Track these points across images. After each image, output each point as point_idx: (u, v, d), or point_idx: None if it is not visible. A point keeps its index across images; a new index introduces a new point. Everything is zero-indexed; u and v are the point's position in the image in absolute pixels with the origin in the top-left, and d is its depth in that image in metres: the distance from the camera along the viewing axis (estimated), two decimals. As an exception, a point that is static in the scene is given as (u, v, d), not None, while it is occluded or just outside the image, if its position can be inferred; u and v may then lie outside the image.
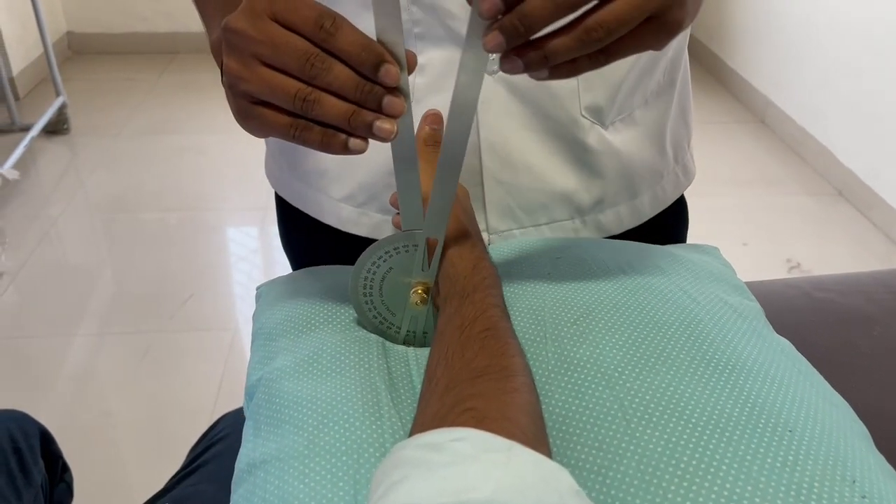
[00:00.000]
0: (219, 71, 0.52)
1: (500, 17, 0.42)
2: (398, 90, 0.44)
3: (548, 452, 0.41)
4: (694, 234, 0.82)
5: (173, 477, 0.88)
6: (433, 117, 0.59)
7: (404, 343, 0.57)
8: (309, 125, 0.45)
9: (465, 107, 0.48)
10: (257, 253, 2.23)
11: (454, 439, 0.36)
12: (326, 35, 0.42)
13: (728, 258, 0.69)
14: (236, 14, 0.45)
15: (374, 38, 0.44)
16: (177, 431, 1.62)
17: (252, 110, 0.46)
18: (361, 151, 0.46)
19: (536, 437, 0.39)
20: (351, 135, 0.45)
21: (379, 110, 0.44)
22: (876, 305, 0.74)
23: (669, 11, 0.42)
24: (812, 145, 2.72)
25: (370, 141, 0.48)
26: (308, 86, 0.43)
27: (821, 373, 0.54)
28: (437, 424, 0.38)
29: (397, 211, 0.64)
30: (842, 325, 0.72)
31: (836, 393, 0.50)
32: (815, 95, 2.71)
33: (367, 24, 0.55)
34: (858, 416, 0.50)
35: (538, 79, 0.45)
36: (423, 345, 0.57)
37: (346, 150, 0.45)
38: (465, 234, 0.55)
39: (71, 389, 1.74)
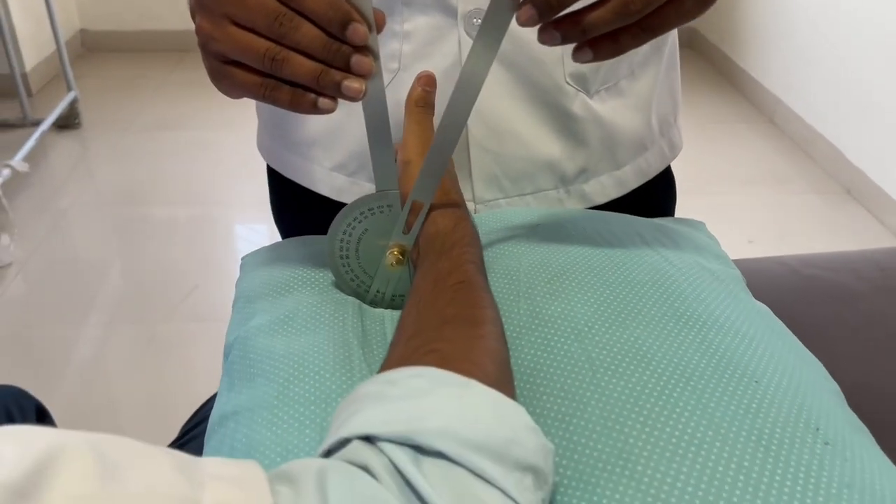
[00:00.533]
0: None
1: None
2: (367, 49, 0.45)
3: (512, 397, 0.41)
4: (691, 208, 0.81)
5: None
6: (427, 79, 0.60)
7: (380, 305, 0.57)
8: (279, 84, 0.46)
9: (474, 78, 0.48)
10: (263, 247, 2.24)
11: (411, 375, 0.36)
12: None
13: (734, 255, 0.68)
14: None
15: None
16: (180, 419, 1.62)
17: (224, 70, 0.47)
18: (330, 111, 0.46)
19: (500, 381, 0.39)
20: (320, 94, 0.45)
21: (347, 69, 0.45)
22: (864, 282, 0.74)
23: None
24: (821, 144, 2.71)
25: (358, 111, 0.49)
26: (277, 45, 0.44)
27: (805, 343, 0.53)
28: (401, 365, 0.38)
29: None
30: (828, 300, 0.72)
31: (809, 352, 0.50)
32: (824, 95, 2.69)
33: None
34: (843, 389, 0.50)
35: (583, 61, 0.46)
36: (399, 307, 0.57)
37: (315, 109, 0.46)
38: (448, 196, 0.56)
39: (77, 378, 1.75)
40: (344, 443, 0.34)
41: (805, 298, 0.73)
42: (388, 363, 0.41)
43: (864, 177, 2.47)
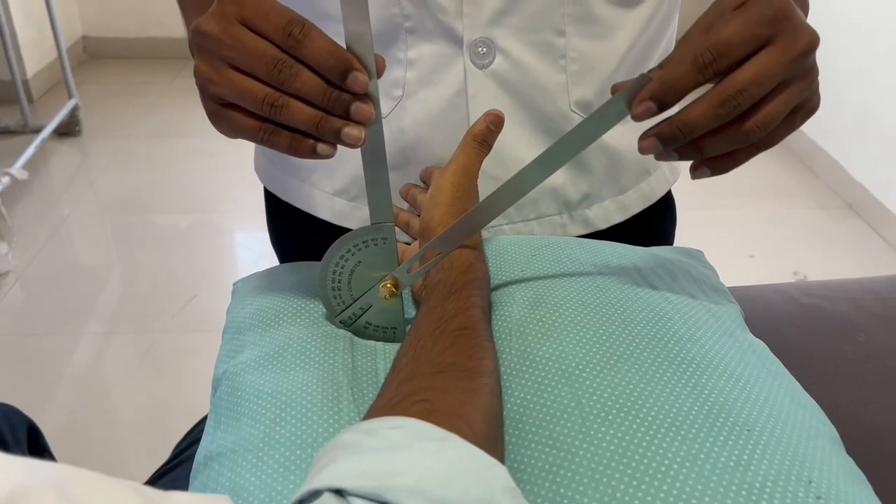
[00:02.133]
0: None
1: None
2: (367, 96, 0.45)
3: (500, 456, 0.41)
4: (700, 244, 0.80)
5: (156, 472, 0.88)
6: (495, 118, 0.58)
7: (347, 326, 0.57)
8: (277, 129, 0.46)
9: (538, 173, 0.50)
10: (264, 257, 2.23)
11: (391, 427, 0.35)
12: (295, 42, 0.43)
13: (734, 269, 0.68)
14: (206, 17, 0.45)
15: (344, 45, 0.45)
16: (176, 430, 1.61)
17: (222, 112, 0.47)
18: (329, 156, 0.46)
19: (488, 438, 0.39)
20: (319, 140, 0.46)
21: (347, 117, 0.45)
22: (862, 312, 0.73)
23: (810, 100, 0.47)
24: (823, 159, 2.70)
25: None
26: (276, 91, 0.44)
27: (803, 378, 0.53)
28: (388, 412, 0.38)
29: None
30: (827, 330, 0.71)
31: (807, 394, 0.49)
32: (826, 109, 2.66)
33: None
34: (838, 421, 0.49)
35: (701, 177, 0.49)
36: (390, 340, 0.57)
37: (314, 154, 0.46)
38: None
39: (74, 387, 1.75)
40: (315, 494, 0.33)
41: (803, 329, 0.72)
42: (376, 408, 0.40)
43: (866, 191, 2.46)
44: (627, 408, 0.43)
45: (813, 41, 0.44)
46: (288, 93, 0.44)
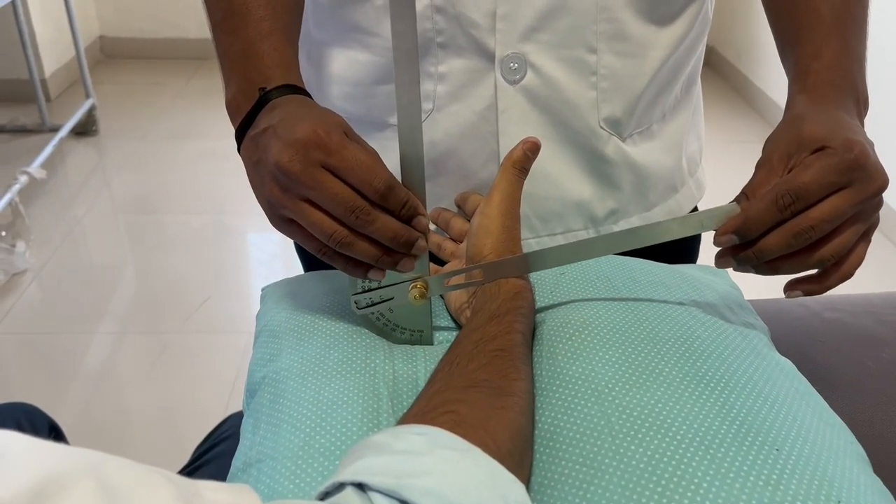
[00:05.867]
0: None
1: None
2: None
3: (523, 474, 0.42)
4: (714, 252, 0.81)
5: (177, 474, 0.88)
6: (532, 145, 0.59)
7: (398, 341, 0.58)
8: (337, 254, 0.50)
9: (620, 244, 0.54)
10: (277, 258, 2.24)
11: (417, 433, 0.37)
12: (379, 198, 0.47)
13: (749, 279, 0.68)
14: (287, 152, 0.47)
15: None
16: (189, 431, 1.63)
17: (286, 227, 0.51)
18: (379, 279, 0.52)
19: (513, 455, 0.40)
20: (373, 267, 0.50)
21: (407, 252, 0.49)
22: (886, 327, 0.73)
23: (875, 222, 0.52)
24: (837, 166, 2.69)
25: (384, 146, 0.53)
26: (346, 228, 0.47)
27: (826, 393, 0.53)
28: (418, 421, 0.39)
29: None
30: (850, 345, 0.71)
31: (834, 414, 0.50)
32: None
33: (385, 28, 0.60)
34: (862, 438, 0.50)
35: (792, 297, 0.54)
36: (417, 342, 0.58)
37: (364, 277, 0.51)
38: None
39: (88, 386, 1.76)
40: (340, 487, 0.35)
41: (826, 344, 0.72)
42: (408, 416, 0.42)
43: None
44: (657, 426, 0.44)
45: (883, 185, 0.49)
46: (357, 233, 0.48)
